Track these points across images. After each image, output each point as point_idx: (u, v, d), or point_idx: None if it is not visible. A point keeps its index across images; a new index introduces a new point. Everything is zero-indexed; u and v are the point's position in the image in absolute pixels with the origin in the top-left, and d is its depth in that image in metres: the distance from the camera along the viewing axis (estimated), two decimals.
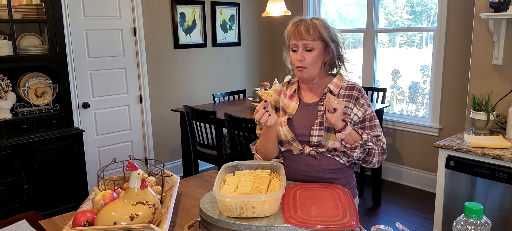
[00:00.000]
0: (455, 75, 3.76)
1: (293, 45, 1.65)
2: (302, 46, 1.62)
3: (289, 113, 1.72)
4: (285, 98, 1.78)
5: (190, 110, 3.76)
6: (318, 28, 1.61)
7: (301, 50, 1.62)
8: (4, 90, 3.20)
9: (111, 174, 1.82)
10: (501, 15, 2.70)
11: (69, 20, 3.72)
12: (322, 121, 1.63)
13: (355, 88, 1.68)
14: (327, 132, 1.62)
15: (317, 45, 1.62)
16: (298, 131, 1.67)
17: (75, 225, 1.36)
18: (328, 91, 1.67)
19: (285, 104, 1.76)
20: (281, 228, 1.19)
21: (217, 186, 1.36)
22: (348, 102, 1.65)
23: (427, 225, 3.41)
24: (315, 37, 1.61)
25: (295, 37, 1.63)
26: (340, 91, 1.68)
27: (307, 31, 1.60)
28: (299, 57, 1.63)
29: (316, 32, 1.60)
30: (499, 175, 2.37)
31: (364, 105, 1.65)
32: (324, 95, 1.67)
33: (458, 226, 1.10)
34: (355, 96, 1.66)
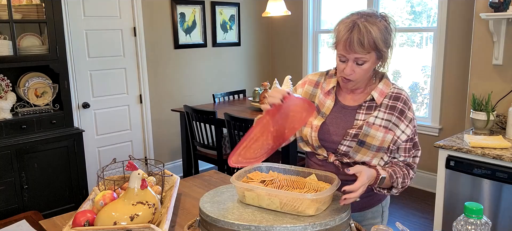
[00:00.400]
0: (455, 75, 3.76)
1: (340, 55, 1.43)
2: (353, 59, 1.40)
3: (322, 113, 1.54)
4: (321, 94, 1.57)
5: (190, 110, 3.76)
6: (373, 38, 1.36)
7: (351, 64, 1.41)
8: (4, 90, 3.20)
9: (111, 174, 1.82)
10: (501, 15, 2.70)
11: (69, 20, 3.72)
12: (358, 133, 1.46)
13: (400, 99, 1.48)
14: (359, 145, 1.47)
15: (371, 57, 1.40)
16: (328, 136, 1.52)
17: (75, 225, 1.36)
18: (370, 99, 1.49)
19: (320, 100, 1.57)
20: (280, 228, 1.19)
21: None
22: (390, 115, 1.46)
23: (427, 225, 3.41)
24: (369, 49, 1.37)
25: (346, 49, 1.39)
26: (384, 100, 1.48)
27: (360, 44, 1.36)
28: (348, 72, 1.42)
29: (370, 43, 1.36)
30: (499, 175, 2.37)
31: (412, 120, 1.48)
32: (365, 102, 1.49)
33: (458, 226, 1.10)
34: (400, 109, 1.47)
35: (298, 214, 1.26)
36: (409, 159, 1.51)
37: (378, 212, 1.63)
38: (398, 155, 1.50)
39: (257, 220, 1.23)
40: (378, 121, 1.46)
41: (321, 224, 1.21)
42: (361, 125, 1.47)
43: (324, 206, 1.30)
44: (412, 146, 1.51)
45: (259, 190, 1.31)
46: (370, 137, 1.46)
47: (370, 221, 1.61)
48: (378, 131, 1.45)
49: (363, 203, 1.56)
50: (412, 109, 1.49)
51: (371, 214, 1.60)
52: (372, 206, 1.60)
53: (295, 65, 5.15)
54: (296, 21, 5.02)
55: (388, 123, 1.46)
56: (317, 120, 1.54)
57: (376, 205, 1.61)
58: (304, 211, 1.25)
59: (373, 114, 1.48)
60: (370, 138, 1.46)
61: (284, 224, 1.20)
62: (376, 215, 1.62)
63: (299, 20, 5.00)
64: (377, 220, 1.63)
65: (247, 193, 1.33)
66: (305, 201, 1.24)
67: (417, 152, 1.52)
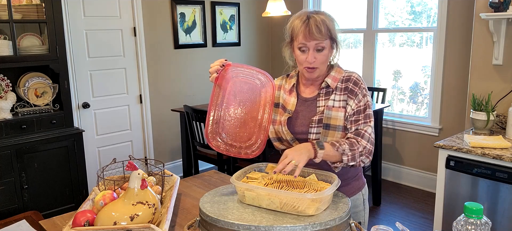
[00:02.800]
0: (455, 75, 3.76)
1: (301, 45, 1.55)
2: (313, 47, 1.54)
3: (288, 111, 1.66)
4: (284, 94, 1.71)
5: (190, 110, 3.76)
6: (327, 26, 1.53)
7: (312, 51, 1.54)
8: (4, 90, 3.20)
9: (111, 174, 1.82)
10: (501, 15, 2.70)
11: (69, 20, 3.72)
12: (321, 118, 1.58)
13: (350, 79, 1.61)
14: (326, 129, 1.58)
15: (327, 44, 1.55)
16: (297, 128, 1.63)
17: (75, 225, 1.36)
18: (326, 86, 1.62)
19: (284, 100, 1.70)
20: (280, 228, 1.19)
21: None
22: (345, 95, 1.60)
23: (427, 225, 3.41)
24: (326, 35, 1.53)
25: (306, 37, 1.53)
26: (338, 85, 1.62)
27: (318, 30, 1.51)
28: (311, 59, 1.54)
29: (326, 30, 1.52)
30: (499, 175, 2.37)
31: (359, 96, 1.58)
32: (322, 89, 1.62)
33: (458, 226, 1.10)
34: (350, 88, 1.59)
35: (298, 214, 1.26)
36: (358, 127, 1.56)
37: (359, 200, 1.71)
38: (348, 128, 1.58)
39: (257, 220, 1.23)
40: (336, 103, 1.59)
41: (321, 224, 1.21)
42: (322, 110, 1.60)
43: (324, 206, 1.30)
44: (360, 118, 1.57)
45: (259, 190, 1.31)
46: (332, 118, 1.58)
47: (353, 209, 1.67)
48: (338, 112, 1.58)
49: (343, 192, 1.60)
50: (362, 88, 1.59)
51: (353, 202, 1.66)
52: (352, 194, 1.67)
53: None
54: None
55: (344, 102, 1.59)
56: (283, 116, 1.67)
57: (356, 193, 1.69)
58: (304, 211, 1.25)
59: (330, 98, 1.61)
60: (333, 120, 1.58)
61: (284, 224, 1.20)
62: (358, 203, 1.70)
63: None
64: (359, 208, 1.71)
65: (247, 193, 1.33)
66: (305, 201, 1.24)
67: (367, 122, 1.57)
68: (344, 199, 1.38)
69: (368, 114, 1.58)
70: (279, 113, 1.70)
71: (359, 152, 1.52)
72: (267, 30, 5.38)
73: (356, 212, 1.69)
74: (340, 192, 1.41)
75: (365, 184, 1.76)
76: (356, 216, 1.69)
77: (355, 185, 1.69)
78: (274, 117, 1.71)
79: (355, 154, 1.51)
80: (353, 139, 1.54)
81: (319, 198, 1.25)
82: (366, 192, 1.75)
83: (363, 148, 1.53)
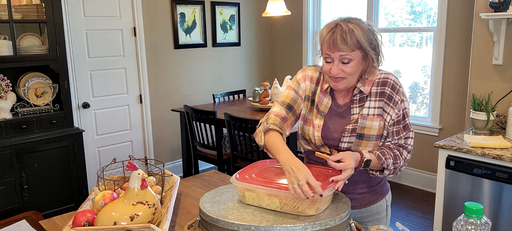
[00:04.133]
0: (455, 75, 3.76)
1: (326, 55, 1.45)
2: (338, 59, 1.43)
3: (321, 112, 1.56)
4: (320, 92, 1.58)
5: (190, 110, 3.76)
6: (356, 36, 1.39)
7: (337, 63, 1.43)
8: (4, 90, 3.20)
9: (111, 174, 1.82)
10: (501, 15, 2.70)
11: (69, 20, 3.72)
12: (355, 127, 1.49)
13: (387, 83, 1.48)
14: (359, 139, 1.49)
15: (356, 55, 1.42)
16: (329, 134, 1.53)
17: (75, 225, 1.36)
18: (358, 92, 1.51)
19: (319, 99, 1.58)
20: (280, 228, 1.19)
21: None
22: (381, 101, 1.49)
23: (427, 225, 3.41)
24: (353, 46, 1.40)
25: (330, 47, 1.42)
26: (372, 89, 1.49)
27: (343, 41, 1.39)
28: (335, 73, 1.43)
29: (353, 41, 1.39)
30: (499, 175, 2.37)
31: (398, 104, 1.48)
32: (355, 95, 1.51)
33: (458, 226, 1.10)
34: (388, 94, 1.48)
35: (298, 214, 1.26)
36: (401, 140, 1.50)
37: (383, 207, 1.64)
38: (389, 139, 1.51)
39: (257, 220, 1.23)
40: (371, 110, 1.49)
41: (321, 224, 1.21)
42: (356, 119, 1.50)
43: (324, 206, 1.30)
44: (401, 128, 1.50)
45: (259, 189, 1.31)
46: (367, 128, 1.48)
47: (376, 216, 1.63)
48: (374, 121, 1.48)
49: (368, 198, 1.60)
50: (400, 92, 1.49)
51: (376, 208, 1.62)
52: (376, 201, 1.62)
53: (295, 65, 5.15)
54: (296, 21, 5.02)
55: (380, 110, 1.49)
56: (318, 119, 1.56)
57: (380, 200, 1.63)
58: (304, 211, 1.25)
59: (365, 105, 1.50)
60: (368, 129, 1.48)
61: (284, 224, 1.20)
62: (381, 209, 1.64)
63: (299, 20, 5.00)
64: (382, 214, 1.65)
65: (247, 193, 1.33)
66: (305, 201, 1.24)
67: (409, 133, 1.51)
68: (344, 199, 1.38)
69: (408, 123, 1.51)
70: (313, 113, 1.58)
71: (400, 166, 1.49)
72: (267, 30, 5.38)
73: (379, 218, 1.64)
74: (340, 192, 1.41)
75: (389, 190, 1.69)
76: (379, 222, 1.64)
77: (379, 191, 1.63)
78: (307, 115, 1.60)
79: (397, 168, 1.48)
80: (397, 150, 1.49)
81: (319, 198, 1.25)
82: (390, 197, 1.69)
83: (404, 160, 1.50)
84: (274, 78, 4.22)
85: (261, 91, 4.02)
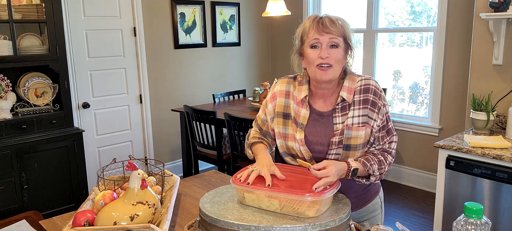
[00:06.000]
0: (455, 75, 3.76)
1: (314, 40, 1.42)
2: (327, 42, 1.41)
3: (300, 125, 1.51)
4: (294, 103, 1.54)
5: (190, 110, 3.76)
6: (342, 24, 1.43)
7: (326, 47, 1.41)
8: (4, 90, 3.20)
9: (111, 174, 1.82)
10: (501, 15, 2.70)
11: (69, 20, 3.72)
12: (341, 139, 1.46)
13: (369, 90, 1.48)
14: (346, 150, 1.47)
15: (341, 43, 1.43)
16: (313, 147, 1.50)
17: (75, 225, 1.36)
18: (341, 100, 1.49)
19: (295, 111, 1.54)
20: (280, 229, 1.19)
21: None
22: (365, 109, 1.47)
23: (427, 225, 3.41)
24: (340, 32, 1.42)
25: (318, 30, 1.41)
26: (355, 97, 1.48)
27: (332, 23, 1.41)
28: (324, 54, 1.40)
29: (340, 27, 1.42)
30: (499, 175, 2.37)
31: (381, 108, 1.48)
32: (338, 104, 1.49)
33: (458, 226, 1.10)
34: (371, 100, 1.47)
35: (298, 215, 1.26)
36: (385, 145, 1.51)
37: (377, 204, 1.67)
38: (374, 144, 1.51)
39: (257, 220, 1.23)
40: (355, 119, 1.47)
41: (321, 224, 1.21)
42: (341, 130, 1.47)
43: (325, 208, 1.29)
44: (385, 133, 1.50)
45: (258, 191, 1.31)
46: (353, 138, 1.47)
47: (372, 214, 1.65)
48: (359, 130, 1.47)
49: (362, 199, 1.62)
50: (382, 97, 1.49)
51: (372, 207, 1.65)
52: (370, 200, 1.64)
53: None
54: (296, 21, 4.99)
55: (365, 117, 1.47)
56: (298, 133, 1.52)
57: (374, 198, 1.65)
58: (304, 212, 1.25)
59: (349, 115, 1.48)
60: (354, 139, 1.47)
61: (284, 224, 1.20)
62: (376, 207, 1.67)
63: (299, 20, 4.97)
64: (377, 212, 1.68)
65: (246, 195, 1.33)
66: (305, 202, 1.24)
67: (392, 137, 1.52)
68: (344, 200, 1.38)
69: (391, 127, 1.52)
70: (291, 127, 1.54)
71: (385, 171, 1.49)
72: (267, 30, 5.38)
73: (374, 216, 1.65)
74: (340, 193, 1.41)
75: (380, 186, 1.71)
76: (375, 219, 1.65)
77: (372, 190, 1.64)
78: (284, 131, 1.56)
79: (382, 173, 1.49)
80: (381, 155, 1.49)
81: (319, 200, 1.25)
82: (382, 193, 1.71)
83: (388, 165, 1.50)
84: (274, 78, 4.22)
85: (261, 91, 4.02)
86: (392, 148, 1.52)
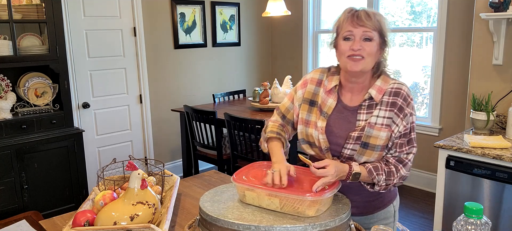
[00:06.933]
0: (455, 75, 3.76)
1: (347, 33, 1.41)
2: (360, 35, 1.40)
3: (324, 113, 1.51)
4: (323, 92, 1.54)
5: (190, 110, 3.76)
6: (378, 18, 1.41)
7: (359, 39, 1.40)
8: (4, 90, 3.20)
9: (111, 174, 1.82)
10: (501, 15, 2.70)
11: (69, 20, 3.72)
12: (360, 135, 1.43)
13: (400, 94, 1.44)
14: (363, 147, 1.44)
15: (376, 37, 1.41)
16: (332, 138, 1.48)
17: (75, 225, 1.36)
18: (369, 98, 1.46)
19: (322, 100, 1.53)
20: (280, 228, 1.19)
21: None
22: (391, 112, 1.43)
23: (427, 225, 3.41)
24: (375, 26, 1.40)
25: (353, 23, 1.40)
26: (384, 98, 1.45)
27: (368, 17, 1.40)
28: (356, 46, 1.39)
29: (376, 21, 1.40)
30: (499, 175, 2.37)
31: (408, 116, 1.45)
32: (365, 101, 1.47)
33: (458, 226, 1.09)
34: (399, 105, 1.43)
35: (298, 215, 1.26)
36: (402, 154, 1.45)
37: (390, 212, 1.62)
38: (392, 151, 1.46)
39: (257, 220, 1.23)
40: (379, 119, 1.43)
41: (321, 224, 1.21)
42: (363, 126, 1.44)
43: (325, 207, 1.29)
44: (405, 142, 1.46)
45: (259, 189, 1.31)
46: (373, 137, 1.43)
47: (383, 221, 1.61)
48: (381, 131, 1.43)
49: (375, 204, 1.57)
50: (411, 105, 1.46)
51: (384, 214, 1.60)
52: (383, 207, 1.59)
53: (295, 65, 5.15)
54: (296, 21, 5.02)
55: (389, 120, 1.43)
56: (320, 120, 1.51)
57: (387, 206, 1.60)
58: (304, 212, 1.25)
59: (373, 113, 1.45)
60: (373, 139, 1.43)
61: (284, 224, 1.20)
62: (388, 215, 1.62)
63: (299, 20, 5.00)
64: (389, 220, 1.63)
65: (247, 193, 1.33)
66: (305, 202, 1.24)
67: (412, 148, 1.47)
68: (344, 200, 1.38)
69: (413, 138, 1.48)
70: (315, 114, 1.54)
71: (394, 183, 1.44)
72: (267, 30, 5.38)
73: (386, 223, 1.61)
74: (340, 193, 1.41)
75: (397, 194, 1.65)
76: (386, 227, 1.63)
77: (386, 197, 1.59)
78: (307, 117, 1.56)
79: (389, 184, 1.44)
80: (393, 166, 1.44)
81: (319, 199, 1.25)
82: (397, 202, 1.66)
83: (399, 177, 1.44)
84: (274, 78, 4.22)
85: (261, 91, 4.02)
86: (408, 159, 1.46)
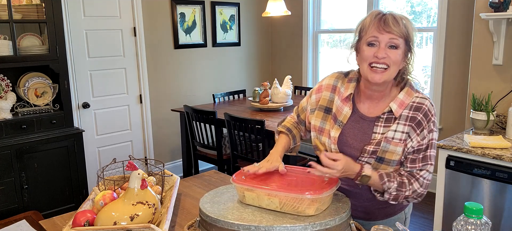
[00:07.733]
0: (455, 75, 3.76)
1: (372, 38, 1.32)
2: (386, 42, 1.31)
3: (339, 122, 1.43)
4: (338, 100, 1.46)
5: (190, 110, 3.76)
6: (406, 24, 1.32)
7: (384, 46, 1.31)
8: (4, 90, 3.20)
9: (111, 174, 1.82)
10: (501, 15, 2.70)
11: (69, 20, 3.72)
12: (376, 150, 1.36)
13: (421, 109, 1.37)
14: (378, 162, 1.37)
15: (402, 45, 1.32)
16: (346, 149, 1.41)
17: (75, 225, 1.36)
18: (388, 111, 1.38)
19: (337, 108, 1.46)
20: (280, 228, 1.19)
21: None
22: (410, 126, 1.36)
23: (427, 225, 3.41)
24: (402, 33, 1.31)
25: (379, 28, 1.31)
26: (404, 112, 1.36)
27: (395, 22, 1.30)
28: (381, 54, 1.30)
29: (403, 28, 1.31)
30: (499, 175, 2.37)
31: (424, 132, 1.36)
32: (384, 113, 1.38)
33: (458, 226, 1.09)
34: (418, 120, 1.36)
35: (298, 214, 1.26)
36: (414, 170, 1.37)
37: (401, 219, 1.58)
38: (403, 165, 1.40)
39: (257, 220, 1.23)
40: (398, 134, 1.36)
41: (321, 223, 1.21)
42: (379, 140, 1.37)
43: (324, 206, 1.30)
44: (419, 158, 1.37)
45: (259, 190, 1.31)
46: (389, 152, 1.36)
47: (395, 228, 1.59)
48: (398, 146, 1.36)
49: (388, 210, 1.54)
50: (432, 121, 1.37)
51: (393, 221, 1.56)
52: (396, 213, 1.55)
53: (295, 65, 5.15)
54: (296, 21, 5.02)
55: (406, 135, 1.36)
56: (334, 130, 1.44)
57: (399, 212, 1.56)
58: (304, 211, 1.25)
59: (391, 128, 1.37)
60: (390, 154, 1.36)
61: (284, 224, 1.20)
62: (400, 222, 1.57)
63: (299, 20, 5.00)
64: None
65: (247, 193, 1.34)
66: (305, 201, 1.24)
67: (426, 166, 1.37)
68: (344, 199, 1.38)
69: (429, 155, 1.37)
70: (329, 123, 1.47)
71: (405, 196, 1.36)
72: (267, 30, 5.38)
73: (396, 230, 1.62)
74: (340, 192, 1.41)
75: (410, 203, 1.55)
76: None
77: (398, 205, 1.50)
78: (322, 125, 1.49)
79: (400, 195, 1.35)
80: (406, 178, 1.37)
81: (319, 198, 1.25)
82: (410, 210, 1.60)
83: (412, 191, 1.36)
84: (274, 78, 4.22)
85: (261, 91, 4.02)
86: (421, 175, 1.37)
